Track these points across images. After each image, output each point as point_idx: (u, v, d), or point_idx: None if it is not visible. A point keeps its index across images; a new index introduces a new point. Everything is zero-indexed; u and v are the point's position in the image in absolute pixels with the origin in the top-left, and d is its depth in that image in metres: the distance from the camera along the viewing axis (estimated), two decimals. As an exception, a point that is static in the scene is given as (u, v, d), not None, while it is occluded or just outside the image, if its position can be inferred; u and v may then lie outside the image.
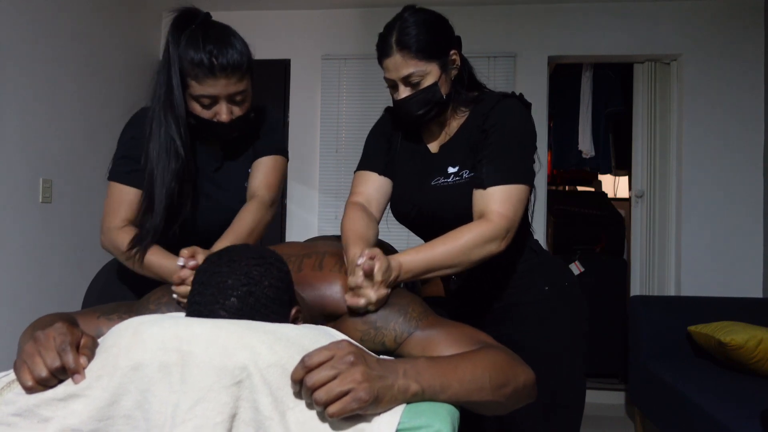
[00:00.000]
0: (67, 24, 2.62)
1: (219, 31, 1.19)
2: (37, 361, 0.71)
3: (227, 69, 1.15)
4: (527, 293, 1.30)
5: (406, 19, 1.20)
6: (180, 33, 1.17)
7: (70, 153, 2.63)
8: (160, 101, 1.19)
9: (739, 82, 3.22)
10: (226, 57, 1.14)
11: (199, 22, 1.19)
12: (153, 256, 1.19)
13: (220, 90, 1.17)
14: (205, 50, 1.14)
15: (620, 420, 3.16)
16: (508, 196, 1.16)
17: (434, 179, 1.27)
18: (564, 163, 3.92)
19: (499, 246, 1.14)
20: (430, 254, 1.10)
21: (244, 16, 3.54)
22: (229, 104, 1.20)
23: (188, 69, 1.16)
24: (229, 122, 1.21)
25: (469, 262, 1.13)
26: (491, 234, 1.13)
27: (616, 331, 3.30)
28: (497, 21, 3.39)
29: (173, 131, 1.19)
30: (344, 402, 0.67)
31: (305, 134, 3.56)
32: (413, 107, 1.23)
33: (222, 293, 0.77)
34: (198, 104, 1.20)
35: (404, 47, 1.18)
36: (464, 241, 1.12)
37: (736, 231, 3.20)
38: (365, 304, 0.96)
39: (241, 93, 1.20)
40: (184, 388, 0.67)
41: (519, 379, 0.84)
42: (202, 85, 1.16)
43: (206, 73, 1.14)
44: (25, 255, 2.37)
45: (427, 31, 1.19)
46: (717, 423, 1.90)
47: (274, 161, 1.37)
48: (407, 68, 1.19)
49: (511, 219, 1.15)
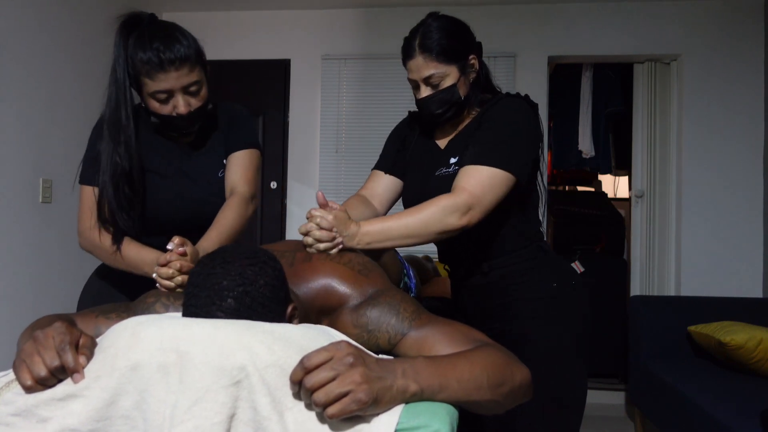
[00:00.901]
0: (68, 24, 2.62)
1: (164, 29, 1.24)
2: (36, 360, 0.71)
3: (175, 62, 1.20)
4: (536, 289, 1.32)
5: (429, 25, 1.29)
6: (127, 36, 1.22)
7: (70, 153, 2.62)
8: (110, 105, 1.25)
9: (740, 82, 3.22)
10: (172, 51, 1.19)
11: (145, 23, 1.24)
12: (128, 249, 1.26)
13: (173, 83, 1.21)
14: (153, 48, 1.19)
15: (620, 420, 3.16)
16: (479, 175, 1.20)
17: (438, 170, 1.34)
18: (564, 163, 3.92)
19: (459, 220, 1.17)
20: (391, 223, 1.17)
21: (244, 16, 3.54)
22: (185, 96, 1.24)
23: (140, 68, 1.21)
24: (187, 114, 1.25)
25: (428, 233, 1.18)
26: (451, 206, 1.16)
27: (616, 331, 3.30)
28: (497, 21, 3.39)
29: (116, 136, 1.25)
30: (343, 403, 0.67)
31: (305, 134, 3.56)
32: (433, 106, 1.30)
33: (218, 295, 0.76)
34: (155, 101, 1.24)
35: (426, 50, 1.27)
36: (424, 212, 1.17)
37: (736, 231, 3.20)
38: (311, 241, 1.07)
39: (194, 84, 1.24)
40: (182, 389, 0.67)
41: (516, 378, 0.84)
42: (154, 81, 1.21)
43: (156, 68, 1.19)
44: (25, 255, 2.37)
45: (448, 36, 1.28)
46: (717, 423, 1.90)
47: (249, 155, 1.39)
48: (428, 69, 1.27)
49: (477, 196, 1.18)
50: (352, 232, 1.11)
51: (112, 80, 1.24)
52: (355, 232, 1.12)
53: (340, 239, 1.09)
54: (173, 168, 1.35)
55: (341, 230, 1.09)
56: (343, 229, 1.10)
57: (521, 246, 1.33)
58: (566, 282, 1.34)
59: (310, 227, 1.08)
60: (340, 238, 1.09)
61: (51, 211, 2.51)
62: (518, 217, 1.33)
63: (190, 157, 1.38)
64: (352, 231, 1.12)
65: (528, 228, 1.36)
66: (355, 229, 1.12)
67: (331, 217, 1.09)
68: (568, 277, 1.36)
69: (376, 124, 3.45)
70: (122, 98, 1.24)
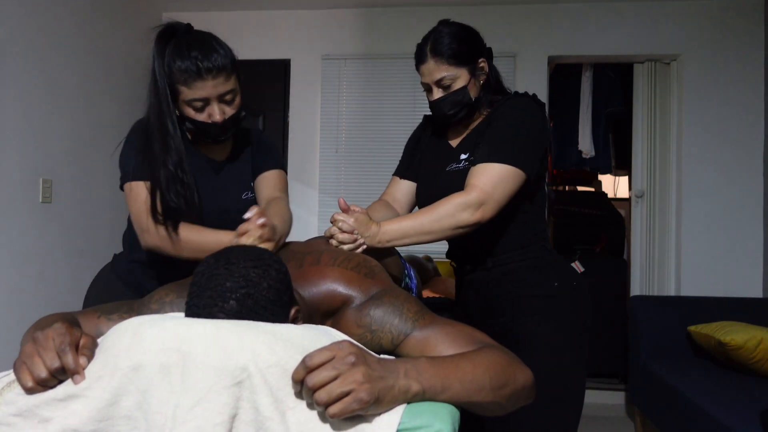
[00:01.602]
0: (68, 23, 2.62)
1: (201, 38, 1.27)
2: (36, 361, 0.71)
3: (213, 71, 1.22)
4: (537, 287, 1.34)
5: (440, 31, 1.36)
6: (165, 46, 1.25)
7: (70, 153, 2.63)
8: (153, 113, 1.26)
9: (739, 82, 3.22)
10: (210, 60, 1.22)
11: (181, 33, 1.27)
12: (190, 232, 1.25)
13: (210, 91, 1.24)
14: (191, 57, 1.22)
15: (620, 420, 3.16)
16: (490, 172, 1.26)
17: (449, 166, 1.40)
18: (564, 163, 3.92)
19: (472, 215, 1.23)
20: (408, 222, 1.25)
21: (244, 16, 3.54)
22: (220, 104, 1.27)
23: (177, 76, 1.23)
24: (222, 122, 1.28)
25: (442, 229, 1.25)
26: (464, 202, 1.23)
27: (616, 331, 3.30)
28: (497, 21, 3.39)
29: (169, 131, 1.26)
30: (345, 403, 0.67)
31: (305, 134, 3.56)
32: (445, 107, 1.37)
33: (220, 296, 0.76)
34: (191, 108, 1.27)
35: (437, 54, 1.33)
36: (439, 209, 1.25)
37: (736, 231, 3.20)
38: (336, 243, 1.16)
39: (230, 92, 1.27)
40: (184, 389, 0.67)
41: (518, 379, 0.84)
42: (192, 89, 1.23)
43: (194, 77, 1.22)
44: (25, 255, 2.37)
45: (458, 40, 1.34)
46: (717, 423, 1.90)
47: (279, 174, 1.46)
48: (439, 72, 1.34)
49: (488, 192, 1.24)
50: (372, 232, 1.21)
51: (153, 90, 1.26)
52: (375, 232, 1.21)
53: (362, 240, 1.19)
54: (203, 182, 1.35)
55: (363, 231, 1.19)
56: (365, 230, 1.20)
57: (525, 244, 1.37)
58: (568, 282, 1.36)
59: (334, 231, 1.18)
60: (361, 240, 1.19)
61: (51, 211, 2.51)
62: (524, 215, 1.37)
63: (219, 172, 1.41)
64: (373, 231, 1.21)
65: (532, 227, 1.39)
66: (375, 229, 1.21)
67: (353, 220, 1.18)
68: (570, 277, 1.38)
69: (376, 124, 3.45)
70: (166, 108, 1.25)
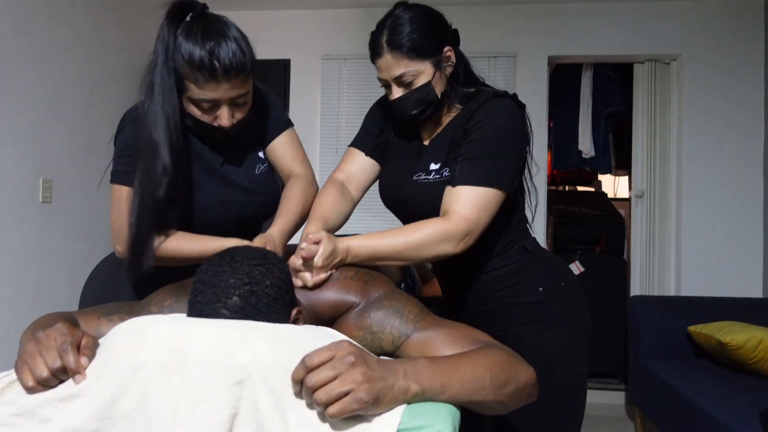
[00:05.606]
0: (66, 22, 2.62)
1: (219, 26, 1.07)
2: (38, 361, 0.71)
3: (230, 71, 1.05)
4: (520, 295, 1.25)
5: (397, 17, 1.17)
6: (175, 27, 1.06)
7: (70, 153, 2.62)
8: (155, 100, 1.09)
9: (739, 82, 3.22)
10: (228, 57, 1.04)
11: (196, 14, 1.09)
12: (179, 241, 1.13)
13: (222, 94, 1.08)
14: (205, 47, 1.03)
15: (620, 420, 3.16)
16: (474, 198, 1.12)
17: (416, 174, 1.24)
18: (564, 163, 3.92)
19: (455, 247, 1.11)
20: (381, 242, 1.10)
21: (244, 16, 3.53)
22: (231, 108, 1.11)
23: (186, 71, 1.06)
24: (229, 127, 1.13)
25: (420, 257, 1.13)
26: (448, 234, 1.10)
27: (616, 331, 3.30)
28: (497, 21, 3.39)
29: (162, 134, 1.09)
30: (344, 402, 0.67)
31: (305, 134, 3.54)
32: (407, 107, 1.20)
33: (224, 292, 0.77)
34: (197, 108, 1.11)
35: (395, 47, 1.15)
36: (418, 236, 1.10)
37: (736, 231, 3.20)
38: (301, 285, 1.01)
39: (243, 95, 1.12)
40: (184, 388, 0.67)
41: (520, 378, 0.84)
42: (202, 89, 1.07)
43: (207, 77, 1.05)
44: (25, 255, 2.37)
45: (419, 29, 1.15)
46: (717, 423, 1.90)
47: (290, 136, 1.33)
48: (399, 68, 1.16)
49: (473, 222, 1.11)
50: (341, 258, 1.07)
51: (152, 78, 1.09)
52: (344, 256, 1.07)
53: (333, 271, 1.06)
54: (210, 175, 1.24)
55: (330, 263, 1.05)
56: (332, 260, 1.05)
57: (501, 251, 1.26)
58: (555, 285, 1.26)
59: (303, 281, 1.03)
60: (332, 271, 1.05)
61: (51, 211, 2.51)
62: (499, 221, 1.22)
63: (225, 161, 1.26)
64: (342, 257, 1.07)
65: (509, 230, 1.27)
66: (344, 253, 1.07)
67: (320, 265, 1.03)
68: (558, 278, 1.28)
69: (376, 124, 3.45)
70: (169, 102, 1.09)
